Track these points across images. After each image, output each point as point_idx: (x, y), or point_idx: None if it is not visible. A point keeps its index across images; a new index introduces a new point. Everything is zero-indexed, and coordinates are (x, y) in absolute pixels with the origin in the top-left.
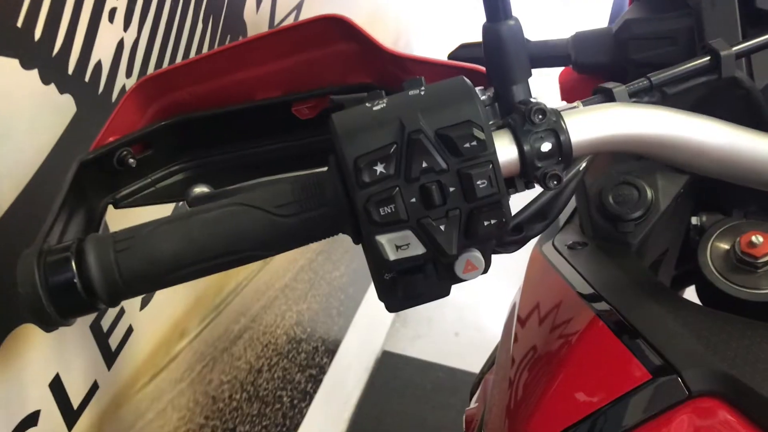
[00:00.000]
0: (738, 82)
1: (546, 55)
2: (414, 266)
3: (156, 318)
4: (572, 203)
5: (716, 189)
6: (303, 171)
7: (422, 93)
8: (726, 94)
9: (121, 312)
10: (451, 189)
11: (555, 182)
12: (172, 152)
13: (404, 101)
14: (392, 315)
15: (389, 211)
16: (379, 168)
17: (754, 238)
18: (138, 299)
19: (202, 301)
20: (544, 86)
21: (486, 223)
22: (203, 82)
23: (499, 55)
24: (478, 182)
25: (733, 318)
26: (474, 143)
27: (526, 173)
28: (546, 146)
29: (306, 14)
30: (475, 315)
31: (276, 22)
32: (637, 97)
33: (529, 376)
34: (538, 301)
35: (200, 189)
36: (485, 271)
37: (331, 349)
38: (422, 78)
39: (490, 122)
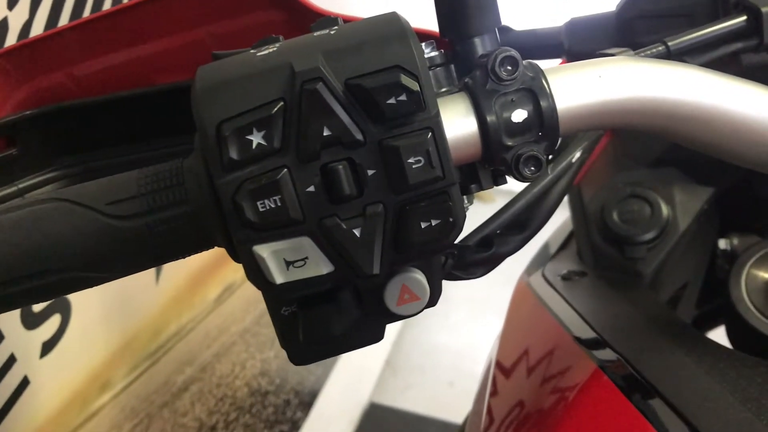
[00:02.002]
0: None
1: (534, 45)
2: (319, 294)
3: (63, 367)
4: (567, 226)
5: (748, 204)
6: None
7: (332, 33)
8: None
9: (11, 360)
10: (370, 172)
11: (532, 168)
12: (45, 152)
13: (303, 43)
14: (380, 362)
15: (273, 205)
16: (257, 138)
17: None
18: (37, 343)
19: (131, 348)
20: None
21: (424, 226)
22: (85, 60)
23: None
24: (410, 160)
25: None
26: (402, 98)
27: (490, 155)
28: (519, 114)
29: None
30: (473, 362)
31: None
32: None
33: None
34: (524, 346)
35: None
36: (432, 302)
37: (306, 402)
38: (339, 18)
39: (443, 89)
